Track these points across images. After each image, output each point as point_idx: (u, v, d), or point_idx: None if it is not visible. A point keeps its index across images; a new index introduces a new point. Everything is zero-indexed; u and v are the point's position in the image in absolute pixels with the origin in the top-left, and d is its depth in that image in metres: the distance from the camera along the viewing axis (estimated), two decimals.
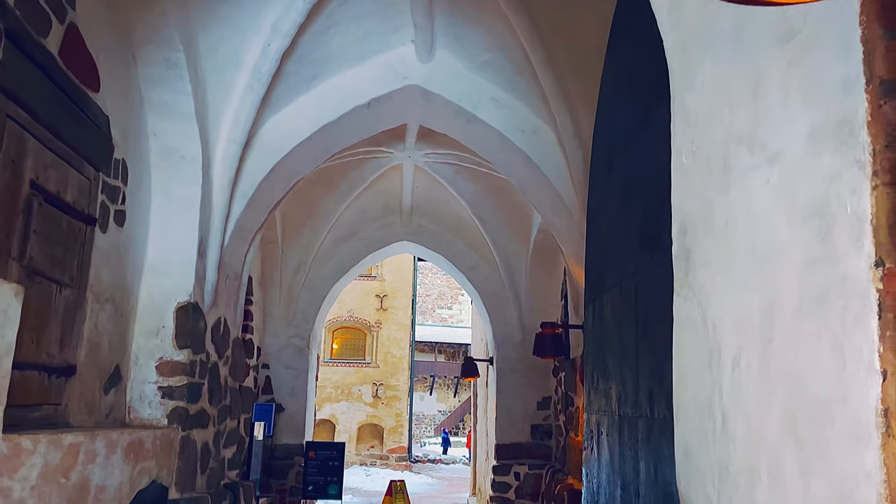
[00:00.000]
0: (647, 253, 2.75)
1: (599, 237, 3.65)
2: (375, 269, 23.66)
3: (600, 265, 3.58)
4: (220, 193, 4.65)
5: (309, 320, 8.42)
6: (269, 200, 5.36)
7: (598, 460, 3.52)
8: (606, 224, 3.51)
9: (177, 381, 4.24)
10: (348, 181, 7.76)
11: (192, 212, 4.40)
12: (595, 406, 3.59)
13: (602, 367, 3.43)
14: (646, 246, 2.78)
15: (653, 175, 2.73)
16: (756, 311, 1.38)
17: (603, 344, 3.43)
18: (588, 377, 3.79)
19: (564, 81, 4.64)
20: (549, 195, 5.30)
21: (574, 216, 5.11)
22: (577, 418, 5.46)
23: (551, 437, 8.20)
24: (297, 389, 8.22)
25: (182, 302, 4.34)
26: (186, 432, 4.29)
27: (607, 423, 3.32)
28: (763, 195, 1.37)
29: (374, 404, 23.58)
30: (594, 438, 3.69)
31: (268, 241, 7.93)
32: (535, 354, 5.27)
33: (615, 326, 3.21)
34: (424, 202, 8.49)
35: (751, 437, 1.37)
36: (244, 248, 5.35)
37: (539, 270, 8.21)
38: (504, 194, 7.85)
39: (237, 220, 4.93)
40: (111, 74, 3.73)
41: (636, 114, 3.00)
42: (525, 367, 8.35)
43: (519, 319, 8.41)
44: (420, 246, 8.77)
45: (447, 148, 6.95)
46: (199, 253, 4.46)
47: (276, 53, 4.41)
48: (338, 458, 7.80)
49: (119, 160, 3.86)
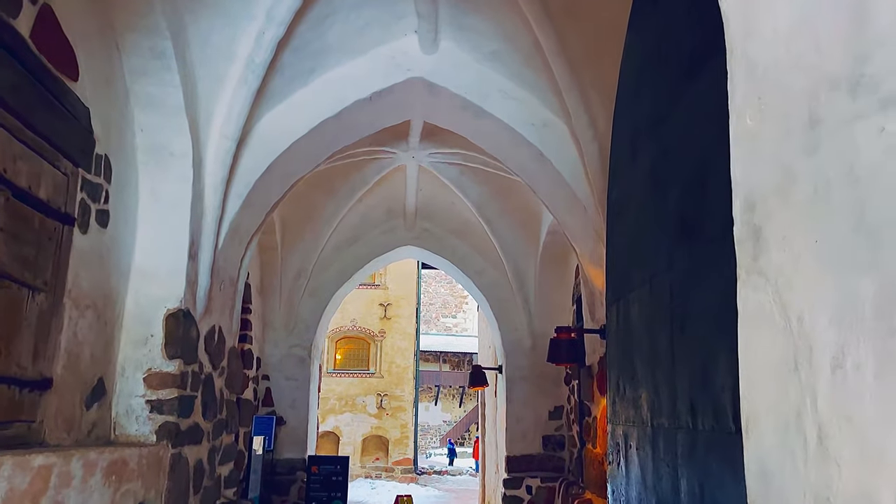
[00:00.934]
0: (685, 244, 2.45)
1: (623, 232, 3.35)
2: (379, 278, 23.36)
3: (625, 262, 3.28)
4: (213, 193, 4.36)
5: (310, 329, 8.12)
6: (266, 201, 5.07)
7: (626, 476, 3.19)
8: (631, 217, 3.21)
9: (166, 393, 3.93)
10: (350, 184, 7.47)
11: (182, 212, 4.11)
12: (621, 416, 3.27)
13: (629, 373, 3.11)
14: (683, 236, 2.47)
15: (691, 156, 2.43)
16: (868, 298, 1.08)
17: (630, 348, 3.11)
18: (612, 385, 3.47)
19: (578, 70, 4.35)
20: (561, 192, 5.00)
21: (589, 213, 4.81)
22: (594, 429, 5.14)
23: (564, 449, 7.86)
24: (298, 401, 7.91)
25: (172, 309, 4.04)
26: (177, 449, 3.98)
27: (637, 435, 3.00)
28: (874, 149, 1.07)
29: (379, 415, 23.21)
30: (621, 452, 3.37)
31: (267, 247, 7.64)
32: (550, 361, 4.96)
33: (645, 328, 2.90)
34: (429, 205, 8.20)
35: (866, 459, 1.07)
36: (240, 252, 5.05)
37: (549, 274, 7.91)
38: (512, 195, 7.56)
39: (232, 221, 4.63)
40: (92, 63, 3.45)
41: (667, 92, 2.70)
42: (535, 375, 8.04)
43: (528, 325, 8.10)
44: (425, 250, 8.48)
45: (452, 147, 6.66)
46: (191, 256, 4.16)
47: (271, 43, 4.13)
48: (341, 473, 7.48)
49: (101, 156, 3.57)
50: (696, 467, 2.36)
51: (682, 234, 2.50)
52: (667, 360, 2.63)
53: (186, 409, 4.12)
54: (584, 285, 5.34)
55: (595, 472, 5.07)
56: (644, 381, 2.90)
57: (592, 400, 5.14)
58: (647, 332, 2.87)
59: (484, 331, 13.17)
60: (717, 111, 2.20)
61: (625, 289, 3.23)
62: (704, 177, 2.32)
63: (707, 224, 2.26)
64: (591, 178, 4.66)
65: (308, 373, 8.01)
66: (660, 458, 2.71)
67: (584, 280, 5.34)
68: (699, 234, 2.34)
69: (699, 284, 2.34)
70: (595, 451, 5.12)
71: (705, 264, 2.26)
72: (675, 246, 2.56)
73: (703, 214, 2.30)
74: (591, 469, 5.19)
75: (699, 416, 2.29)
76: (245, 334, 7.23)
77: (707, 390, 2.23)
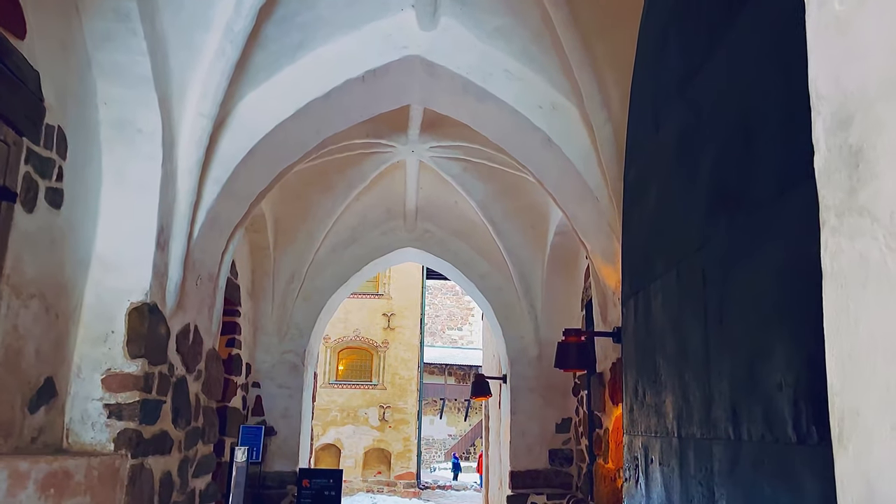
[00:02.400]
0: (723, 216, 2.02)
1: (643, 214, 2.92)
2: (382, 287, 22.94)
3: (645, 250, 2.84)
4: (187, 176, 3.95)
5: (304, 335, 7.69)
6: (249, 190, 4.67)
7: (646, 496, 2.74)
8: (652, 198, 2.78)
9: (127, 397, 3.51)
10: (347, 180, 7.07)
11: (150, 195, 3.71)
12: (640, 426, 2.82)
13: (650, 376, 2.67)
14: (720, 207, 2.04)
15: (732, 109, 2.00)
16: None
17: (651, 347, 2.68)
18: (629, 390, 3.02)
19: (591, 44, 3.94)
20: (571, 182, 4.57)
21: (602, 204, 4.38)
22: (605, 442, 4.69)
23: (572, 464, 7.38)
24: (290, 410, 7.46)
25: (136, 302, 3.62)
26: (139, 460, 3.55)
27: (660, 447, 2.56)
28: None
29: (381, 428, 22.68)
30: (640, 468, 2.91)
31: (258, 247, 7.24)
32: (558, 367, 4.51)
33: (670, 323, 2.46)
34: (430, 205, 7.79)
35: None
36: (220, 244, 4.64)
37: (557, 278, 7.47)
38: (518, 194, 7.14)
39: (210, 209, 4.23)
40: (44, 22, 3.07)
41: (700, 41, 2.28)
42: (542, 386, 7.58)
43: (535, 332, 7.65)
44: (426, 253, 8.05)
45: (455, 139, 6.26)
46: (159, 245, 3.76)
47: (251, 10, 3.74)
48: (334, 488, 7.02)
49: (54, 127, 3.17)
50: (738, 486, 1.91)
51: (720, 205, 2.07)
52: (699, 359, 2.20)
53: (151, 415, 3.69)
54: (596, 286, 4.91)
55: (607, 489, 4.61)
56: (669, 384, 2.46)
57: (604, 410, 4.69)
58: (674, 327, 2.44)
59: (488, 340, 12.70)
60: (769, 41, 1.77)
61: (644, 280, 2.80)
62: (750, 130, 1.89)
63: (755, 186, 1.83)
64: (604, 165, 4.24)
65: (301, 381, 7.57)
66: (689, 475, 2.27)
67: (596, 280, 4.91)
68: (743, 200, 1.91)
69: (743, 262, 1.90)
70: (607, 466, 4.66)
71: (753, 236, 1.83)
72: (710, 221, 2.13)
73: (750, 176, 1.87)
74: (603, 486, 4.73)
75: (744, 424, 1.85)
76: (233, 338, 6.81)
77: (755, 392, 1.79)
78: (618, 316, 4.58)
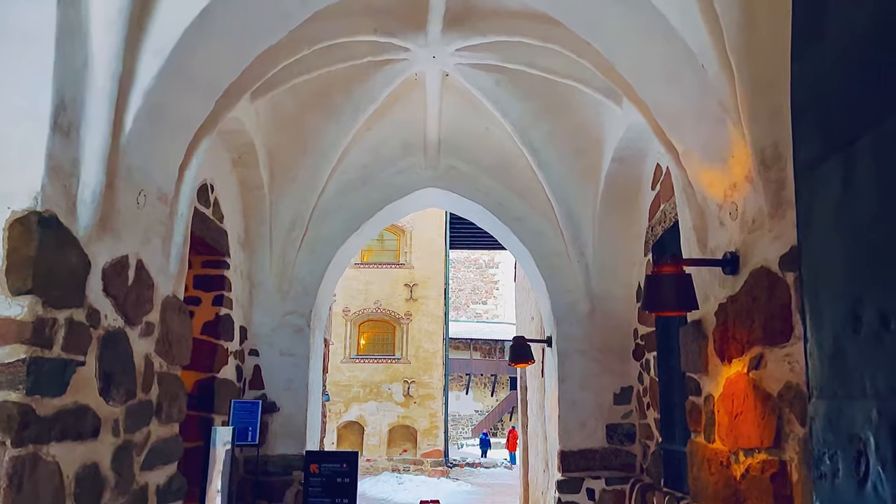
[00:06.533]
0: None
1: (823, 55, 1.53)
2: (403, 256, 21.74)
3: (837, 94, 1.46)
4: (104, 32, 2.67)
5: (310, 293, 6.45)
6: (211, 77, 3.38)
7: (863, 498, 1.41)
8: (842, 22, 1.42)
9: (7, 353, 2.28)
10: (353, 101, 5.76)
11: (40, 51, 2.44)
12: (855, 386, 1.46)
13: (874, 293, 1.32)
14: None
15: None
16: None
17: (860, 246, 1.32)
18: (827, 321, 1.62)
19: None
20: (659, 48, 3.22)
21: (710, 75, 3.01)
22: (708, 413, 3.40)
23: (635, 441, 6.10)
24: (295, 382, 6.25)
25: (20, 211, 2.38)
26: (30, 448, 2.33)
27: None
28: None
29: (406, 404, 21.59)
30: (849, 455, 1.53)
31: (251, 186, 5.99)
32: (647, 308, 3.22)
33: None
34: (456, 134, 6.46)
35: None
36: (175, 152, 3.38)
37: (612, 217, 6.12)
38: (564, 111, 5.79)
39: (149, 93, 2.95)
40: None
41: None
42: (595, 349, 6.27)
43: (585, 285, 6.33)
44: (451, 193, 6.72)
45: (487, 34, 4.91)
46: (58, 127, 2.49)
47: None
48: (349, 474, 5.82)
49: None
50: None
51: None
52: None
53: (53, 382, 2.45)
54: (688, 203, 3.58)
55: (713, 478, 3.33)
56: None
57: (705, 370, 3.39)
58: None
59: (522, 302, 11.42)
60: None
61: (839, 137, 1.40)
62: None
63: None
64: (718, 12, 2.86)
65: (307, 347, 6.35)
66: None
67: (687, 194, 3.58)
68: None
69: None
70: (711, 446, 3.38)
71: None
72: None
73: None
74: (705, 473, 3.45)
75: None
76: (221, 295, 5.60)
77: None
78: (725, 240, 3.26)
